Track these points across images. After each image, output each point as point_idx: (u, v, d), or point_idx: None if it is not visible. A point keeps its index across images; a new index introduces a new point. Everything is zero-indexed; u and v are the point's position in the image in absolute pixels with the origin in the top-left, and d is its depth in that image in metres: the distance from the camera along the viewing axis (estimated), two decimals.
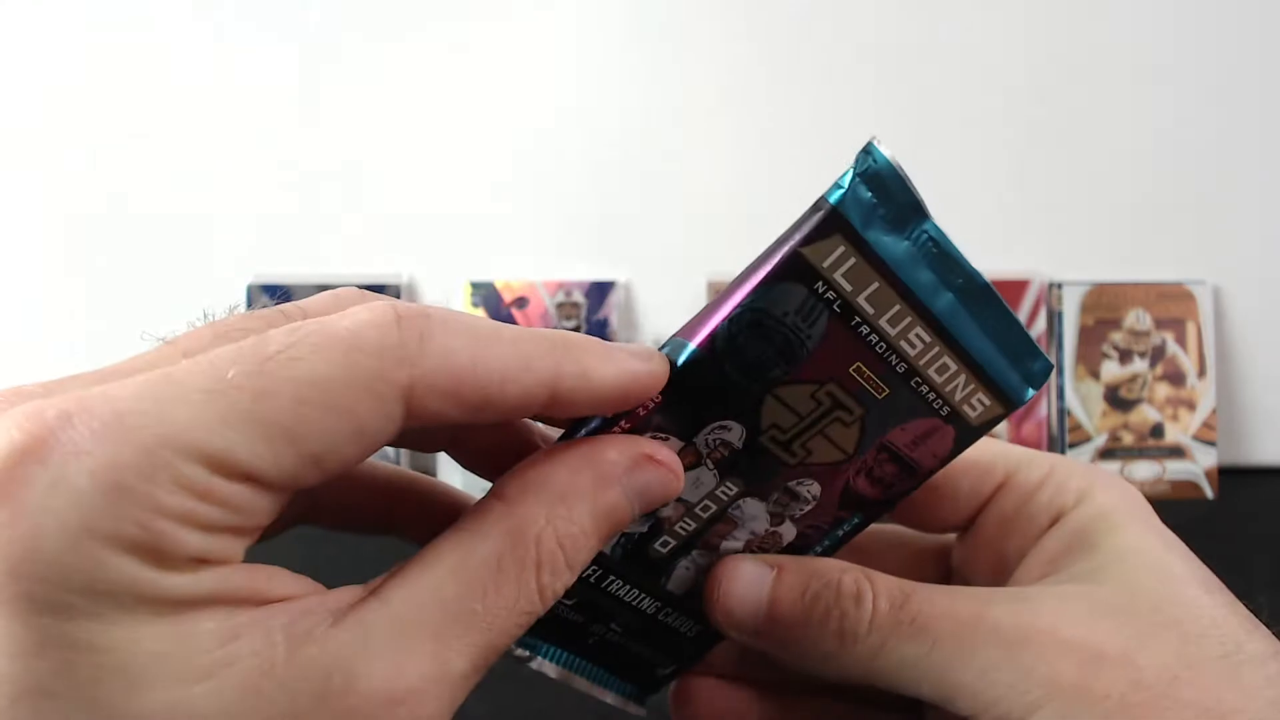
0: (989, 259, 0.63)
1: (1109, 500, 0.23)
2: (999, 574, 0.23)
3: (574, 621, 0.23)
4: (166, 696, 0.14)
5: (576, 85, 0.63)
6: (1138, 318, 0.62)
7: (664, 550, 0.22)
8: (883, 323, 0.20)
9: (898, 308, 0.20)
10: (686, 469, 0.20)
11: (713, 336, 0.19)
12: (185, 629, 0.15)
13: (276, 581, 0.16)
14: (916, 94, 0.62)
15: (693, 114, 0.63)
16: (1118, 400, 0.61)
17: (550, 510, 0.18)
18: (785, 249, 0.19)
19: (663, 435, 0.20)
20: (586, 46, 0.63)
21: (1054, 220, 0.63)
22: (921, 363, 0.21)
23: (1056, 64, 0.62)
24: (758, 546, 0.23)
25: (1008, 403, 0.21)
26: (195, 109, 0.63)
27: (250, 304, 0.62)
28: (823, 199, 0.19)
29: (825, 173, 0.65)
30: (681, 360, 0.19)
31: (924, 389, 0.21)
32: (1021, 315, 0.62)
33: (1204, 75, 0.62)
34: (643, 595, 0.23)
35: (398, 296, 0.65)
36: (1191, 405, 0.61)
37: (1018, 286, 0.62)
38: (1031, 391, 0.21)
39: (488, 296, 0.62)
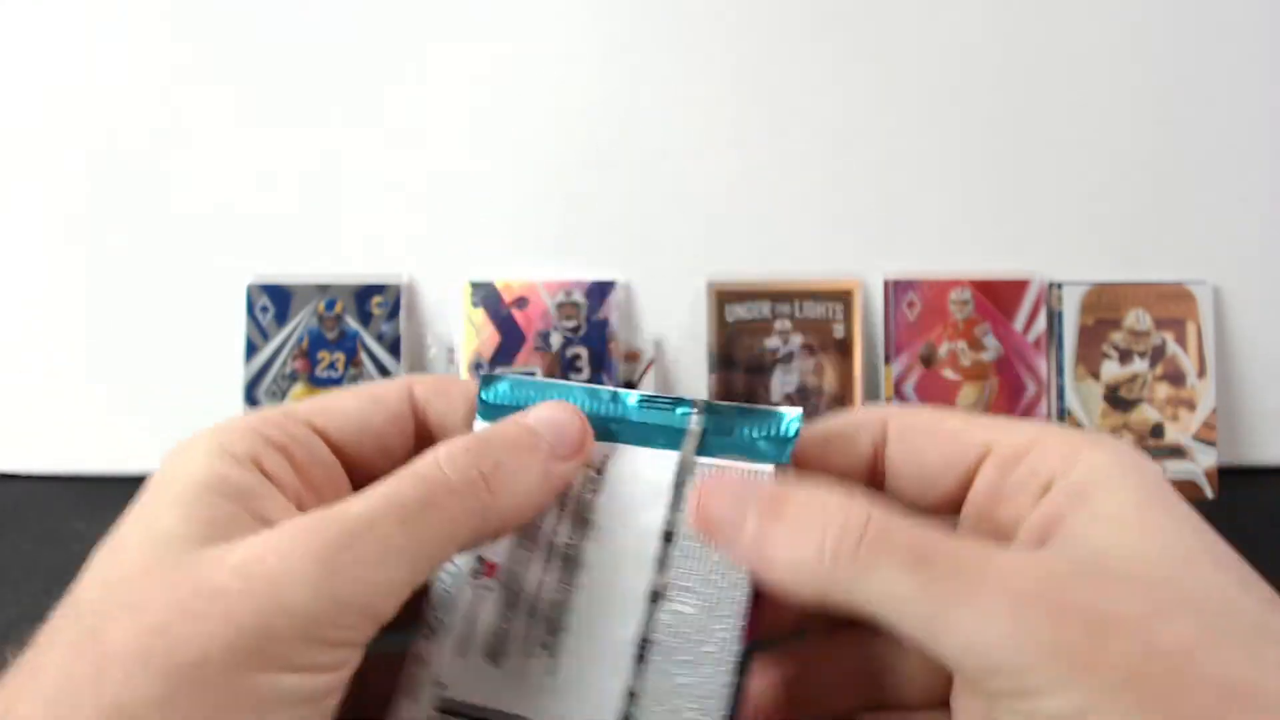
0: (989, 259, 0.63)
1: (1106, 461, 0.21)
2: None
3: None
4: None
5: (577, 85, 0.63)
6: (1138, 318, 0.62)
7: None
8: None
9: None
10: None
11: None
12: None
13: None
14: (916, 94, 0.62)
15: (693, 114, 0.63)
16: (1117, 400, 0.61)
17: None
18: None
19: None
20: (587, 45, 0.63)
21: (1054, 220, 0.63)
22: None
23: (1057, 64, 0.62)
24: None
25: None
26: (195, 108, 0.63)
27: (250, 304, 0.62)
28: None
29: (826, 173, 0.66)
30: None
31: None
32: (1021, 315, 0.62)
33: (1205, 75, 0.62)
34: None
35: (398, 297, 0.65)
36: (1191, 405, 0.61)
37: (1018, 286, 0.62)
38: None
39: (487, 296, 0.62)
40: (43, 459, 0.64)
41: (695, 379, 0.63)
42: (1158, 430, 0.61)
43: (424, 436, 0.26)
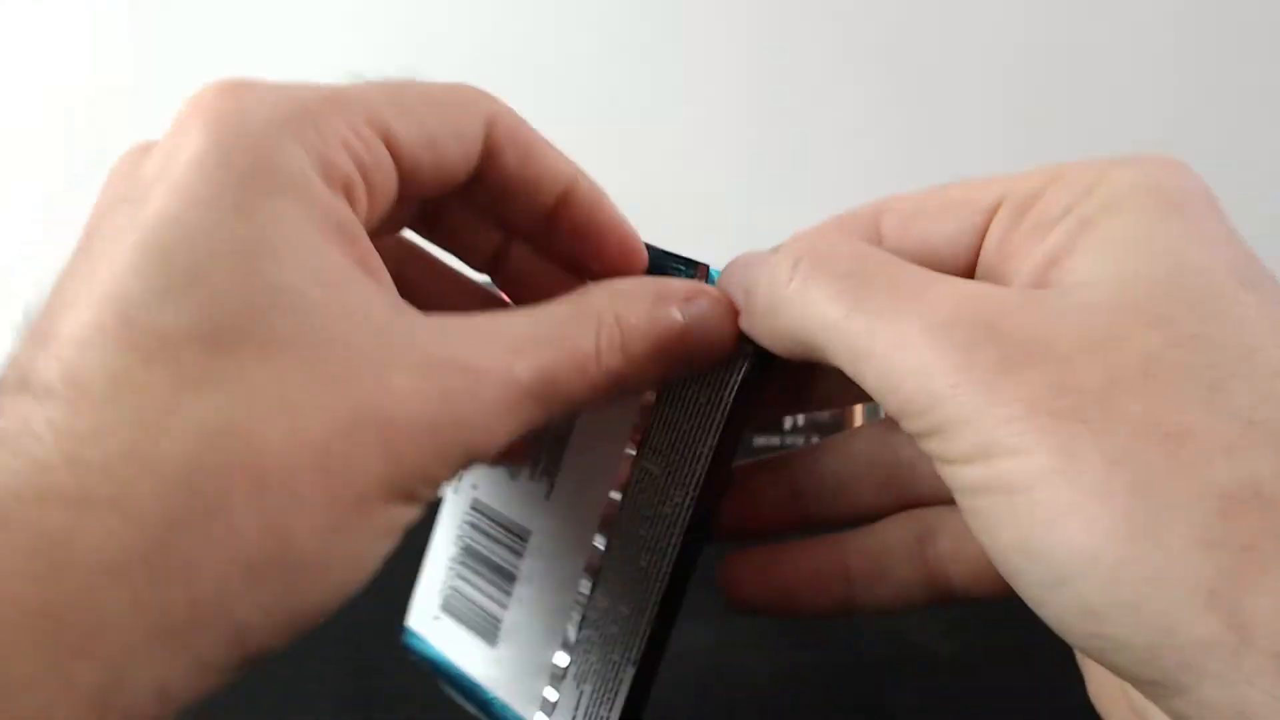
0: None
1: (1130, 179, 0.17)
2: None
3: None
4: (302, 269, 0.16)
5: (577, 83, 0.63)
6: None
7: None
8: None
9: None
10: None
11: None
12: (327, 240, 0.17)
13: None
14: (918, 94, 0.63)
15: (695, 113, 0.63)
16: None
17: (613, 299, 0.20)
18: None
19: None
20: (587, 44, 0.63)
21: None
22: None
23: (1058, 64, 0.62)
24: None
25: None
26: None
27: None
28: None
29: (826, 172, 0.65)
30: None
31: None
32: None
33: (1204, 75, 0.62)
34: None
35: None
36: None
37: None
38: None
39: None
40: None
41: None
42: None
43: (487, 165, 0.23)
